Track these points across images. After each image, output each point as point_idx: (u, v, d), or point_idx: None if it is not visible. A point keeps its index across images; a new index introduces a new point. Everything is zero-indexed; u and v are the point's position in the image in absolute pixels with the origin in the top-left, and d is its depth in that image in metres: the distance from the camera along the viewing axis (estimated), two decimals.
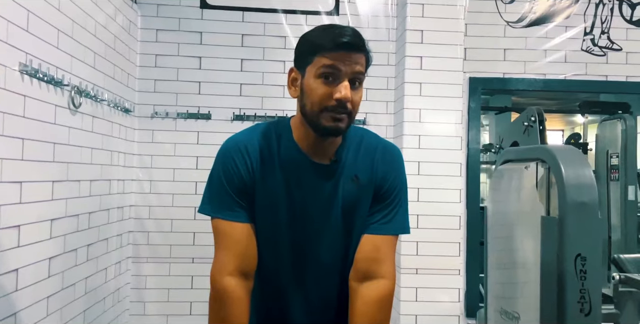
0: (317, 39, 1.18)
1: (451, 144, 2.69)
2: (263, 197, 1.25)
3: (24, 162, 1.63)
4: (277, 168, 1.25)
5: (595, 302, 1.49)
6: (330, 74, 1.15)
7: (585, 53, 2.99)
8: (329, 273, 1.32)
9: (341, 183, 1.26)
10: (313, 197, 1.26)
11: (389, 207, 1.29)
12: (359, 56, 1.17)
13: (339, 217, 1.28)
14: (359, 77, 1.18)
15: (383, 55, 2.93)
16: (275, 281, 1.32)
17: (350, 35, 1.15)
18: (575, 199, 1.49)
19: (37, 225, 1.73)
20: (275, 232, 1.27)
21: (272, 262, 1.30)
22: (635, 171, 4.80)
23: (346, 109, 1.16)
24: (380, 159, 1.29)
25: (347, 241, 1.30)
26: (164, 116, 2.82)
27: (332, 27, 1.18)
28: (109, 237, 2.44)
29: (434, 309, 2.63)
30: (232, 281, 1.22)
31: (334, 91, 1.15)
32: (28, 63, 1.62)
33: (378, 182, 1.28)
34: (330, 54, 1.14)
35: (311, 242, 1.29)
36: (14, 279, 1.60)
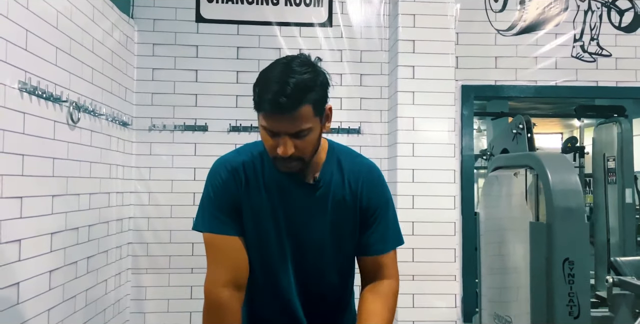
0: (259, 95, 1.16)
1: (444, 151, 2.73)
2: (249, 214, 1.30)
3: (24, 177, 1.67)
4: (262, 186, 1.29)
5: (584, 305, 1.53)
6: (271, 133, 1.17)
7: (576, 59, 3.03)
8: (319, 286, 1.37)
9: (330, 202, 1.31)
10: (299, 214, 1.31)
11: (379, 227, 1.33)
12: (298, 114, 1.14)
13: (326, 234, 1.32)
14: (301, 133, 1.17)
15: (376, 65, 2.98)
16: (266, 294, 1.36)
17: (284, 97, 1.12)
18: (562, 205, 1.53)
19: (38, 239, 1.77)
20: (263, 247, 1.32)
21: (263, 275, 1.34)
22: (632, 173, 4.83)
23: (292, 158, 1.19)
24: (364, 182, 1.33)
25: (336, 257, 1.35)
26: (162, 129, 2.86)
27: (276, 78, 1.15)
28: (109, 250, 2.47)
29: (431, 315, 2.66)
30: (225, 292, 1.26)
31: (276, 145, 1.18)
32: (27, 81, 1.66)
33: (363, 205, 1.33)
34: (267, 114, 1.15)
35: (299, 257, 1.33)
36: (16, 293, 1.64)
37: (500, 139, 2.27)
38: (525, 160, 1.70)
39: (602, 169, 4.93)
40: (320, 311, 1.39)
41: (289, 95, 1.12)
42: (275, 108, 1.13)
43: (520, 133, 1.92)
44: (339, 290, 1.41)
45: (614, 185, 4.70)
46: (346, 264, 1.39)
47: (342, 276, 1.40)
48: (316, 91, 1.17)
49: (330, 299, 1.40)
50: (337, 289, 1.40)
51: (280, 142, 1.16)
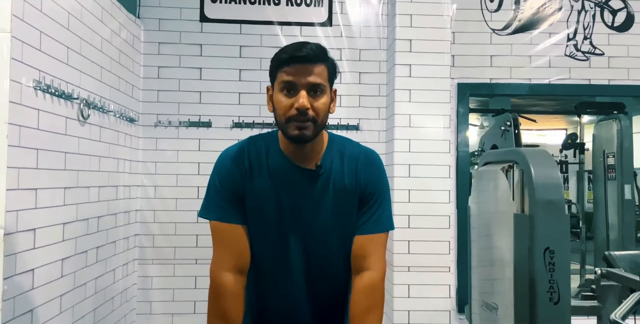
0: (277, 56, 1.33)
1: (440, 147, 2.82)
2: (254, 200, 1.39)
3: (38, 170, 1.77)
4: (265, 174, 1.38)
5: (563, 292, 1.62)
6: (289, 87, 1.29)
7: (569, 58, 3.12)
8: (321, 269, 1.44)
9: (330, 187, 1.39)
10: (301, 199, 1.39)
11: (372, 209, 1.42)
12: (316, 67, 1.30)
13: (328, 218, 1.40)
14: (318, 87, 1.30)
15: (374, 63, 3.07)
16: (270, 278, 1.45)
17: (306, 49, 1.29)
18: (543, 198, 1.63)
19: (51, 228, 1.88)
20: (267, 232, 1.40)
21: (266, 260, 1.43)
22: (632, 170, 4.91)
23: (307, 116, 1.29)
24: (362, 166, 1.42)
25: (339, 240, 1.42)
26: (167, 125, 2.97)
27: (295, 44, 1.32)
28: (117, 240, 2.58)
29: (425, 305, 2.76)
30: (229, 276, 1.36)
31: (294, 101, 1.29)
32: (41, 79, 1.76)
33: (362, 187, 1.41)
34: (287, 68, 1.29)
35: (302, 240, 1.41)
36: (31, 279, 1.75)
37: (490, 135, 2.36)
38: (511, 156, 1.80)
39: (602, 166, 5.01)
40: (326, 296, 1.47)
41: (310, 48, 1.29)
42: (299, 57, 1.28)
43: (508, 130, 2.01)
44: (343, 273, 1.46)
45: (614, 181, 4.78)
46: (346, 245, 1.44)
47: (346, 259, 1.44)
48: (330, 61, 1.34)
49: (335, 283, 1.47)
50: (342, 272, 1.46)
51: (299, 96, 1.28)
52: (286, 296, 1.46)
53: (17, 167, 1.63)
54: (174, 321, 2.92)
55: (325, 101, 1.33)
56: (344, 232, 1.42)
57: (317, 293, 1.46)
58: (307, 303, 1.46)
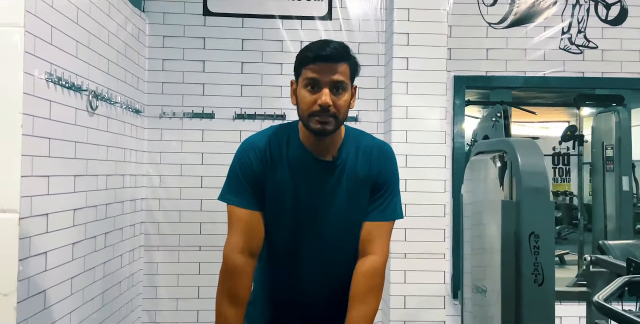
0: (303, 53, 1.40)
1: (436, 138, 2.91)
2: (273, 189, 1.48)
3: (50, 158, 1.87)
4: (285, 164, 1.47)
5: (547, 273, 1.72)
6: (313, 84, 1.37)
7: (563, 51, 3.19)
8: (334, 253, 1.52)
9: (345, 178, 1.49)
10: (318, 188, 1.49)
11: (381, 198, 1.51)
12: (339, 66, 1.37)
13: (342, 206, 1.49)
14: (340, 84, 1.38)
15: (373, 56, 3.15)
16: (285, 263, 1.54)
17: (330, 48, 1.36)
18: (529, 185, 1.72)
19: (62, 214, 1.97)
20: (285, 219, 1.50)
21: (282, 245, 1.52)
22: (630, 162, 4.98)
23: (329, 112, 1.37)
24: (376, 157, 1.52)
25: (351, 226, 1.51)
26: (171, 116, 3.06)
27: (319, 42, 1.39)
28: (124, 227, 2.68)
29: (421, 290, 2.86)
30: (241, 258, 1.46)
31: (317, 97, 1.36)
32: (52, 72, 1.85)
33: (374, 177, 1.50)
34: (312, 66, 1.36)
35: (317, 227, 1.50)
36: (44, 261, 1.85)
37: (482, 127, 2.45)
38: (500, 145, 1.88)
39: (600, 157, 5.09)
40: (337, 279, 1.53)
41: (334, 47, 1.37)
42: (323, 56, 1.35)
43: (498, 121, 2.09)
44: (354, 258, 1.53)
45: (612, 173, 4.86)
46: (357, 232, 1.51)
47: (353, 243, 1.51)
48: (352, 59, 1.41)
49: (346, 267, 1.52)
50: (352, 257, 1.52)
51: (322, 93, 1.36)
52: (300, 279, 1.54)
53: (31, 155, 1.72)
54: (179, 305, 3.02)
55: (346, 98, 1.41)
56: (356, 220, 1.51)
57: (329, 276, 1.54)
58: (319, 286, 1.55)
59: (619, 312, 1.66)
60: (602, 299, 1.81)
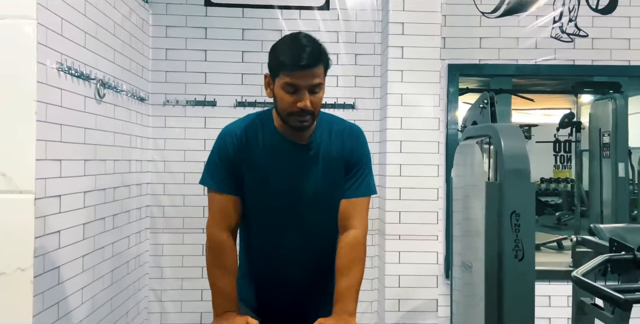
0: (280, 57, 1.46)
1: (430, 124, 3.01)
2: (251, 173, 1.60)
3: (62, 143, 1.98)
4: (261, 149, 1.59)
5: (527, 250, 1.84)
6: (292, 88, 1.46)
7: (554, 40, 3.28)
8: (313, 228, 1.65)
9: (320, 159, 1.60)
10: (295, 171, 1.60)
11: (355, 176, 1.63)
12: (316, 70, 1.46)
13: (320, 186, 1.61)
14: (318, 86, 1.48)
15: (370, 45, 3.25)
16: (268, 242, 1.66)
17: (306, 55, 1.43)
18: (511, 167, 1.83)
19: (74, 196, 2.10)
20: (265, 201, 1.61)
21: (264, 226, 1.64)
22: (626, 148, 5.07)
23: (308, 112, 1.48)
24: (347, 138, 1.63)
25: (328, 203, 1.63)
26: (175, 104, 3.17)
27: (295, 48, 1.45)
28: (130, 210, 2.81)
29: (415, 270, 2.98)
30: (222, 234, 1.61)
31: (297, 100, 1.46)
32: (63, 62, 1.96)
33: (347, 156, 1.62)
34: (290, 73, 1.44)
35: (296, 208, 1.62)
36: (57, 239, 1.97)
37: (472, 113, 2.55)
38: (486, 130, 1.99)
39: (597, 144, 5.19)
40: (316, 252, 1.66)
41: (310, 53, 1.44)
42: (302, 65, 1.42)
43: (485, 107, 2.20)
44: (330, 232, 1.65)
45: (609, 159, 4.95)
46: (335, 211, 1.63)
47: (333, 220, 1.63)
48: (325, 57, 1.50)
49: (324, 240, 1.66)
50: (329, 230, 1.65)
51: (302, 97, 1.45)
52: (281, 258, 1.66)
53: (44, 140, 1.84)
54: (183, 285, 3.16)
55: (322, 95, 1.51)
56: (333, 199, 1.63)
57: (309, 254, 1.66)
58: (300, 264, 1.66)
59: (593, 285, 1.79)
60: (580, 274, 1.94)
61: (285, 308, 1.70)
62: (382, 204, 3.09)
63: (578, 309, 2.29)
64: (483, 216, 1.94)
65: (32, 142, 1.75)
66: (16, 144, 1.72)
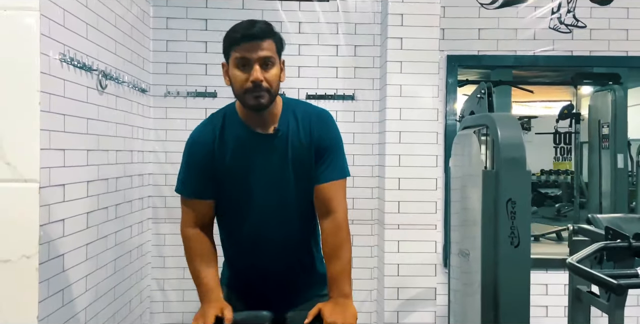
0: (230, 35, 1.51)
1: (428, 115, 3.04)
2: (224, 170, 1.62)
3: (65, 133, 2.01)
4: (230, 144, 1.61)
5: (523, 237, 1.87)
6: (243, 62, 1.49)
7: (553, 31, 3.30)
8: (286, 216, 1.67)
9: (289, 147, 1.61)
10: (266, 161, 1.61)
11: (328, 160, 1.64)
12: (265, 43, 1.49)
13: (289, 173, 1.63)
14: (269, 60, 1.50)
15: (369, 36, 3.27)
16: (246, 232, 1.68)
17: (255, 28, 1.48)
18: (507, 155, 1.86)
19: (77, 185, 2.13)
20: (240, 194, 1.64)
21: (242, 218, 1.66)
22: (625, 139, 5.10)
23: (262, 87, 1.50)
24: (315, 123, 1.64)
25: (301, 192, 1.65)
26: (176, 95, 3.20)
27: (244, 23, 1.51)
28: (132, 200, 2.85)
29: (414, 259, 3.02)
30: (192, 230, 1.67)
31: (249, 75, 1.49)
32: (65, 53, 1.99)
33: (316, 142, 1.63)
34: (239, 46, 1.48)
35: (271, 197, 1.64)
36: (62, 227, 2.01)
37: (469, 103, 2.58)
38: (483, 120, 2.02)
39: (597, 135, 5.22)
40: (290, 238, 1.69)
41: (258, 27, 1.48)
42: (248, 35, 1.46)
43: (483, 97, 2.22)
44: (305, 223, 1.71)
45: (608, 150, 4.99)
46: (308, 198, 1.66)
47: (305, 205, 1.67)
48: (277, 36, 1.52)
49: (297, 224, 1.70)
50: (303, 223, 1.70)
51: (254, 70, 1.48)
52: (259, 246, 1.68)
53: (48, 130, 1.87)
54: (185, 274, 3.18)
55: (276, 72, 1.53)
56: (306, 185, 1.65)
57: (285, 241, 1.69)
58: (277, 251, 1.69)
59: (588, 270, 1.82)
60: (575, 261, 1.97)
61: (267, 291, 1.73)
62: (381, 194, 3.12)
63: (574, 297, 2.33)
64: (478, 202, 1.97)
65: (36, 132, 1.78)
66: (20, 133, 1.75)
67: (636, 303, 3.33)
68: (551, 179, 7.18)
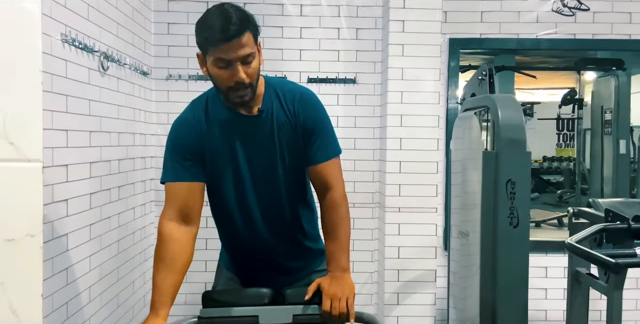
0: (204, 33, 1.44)
1: (430, 98, 3.04)
2: (212, 153, 1.60)
3: (68, 114, 2.03)
4: (216, 128, 1.59)
5: (522, 217, 1.89)
6: (224, 63, 1.44)
7: (556, 13, 3.28)
8: (274, 196, 1.67)
9: (275, 127, 1.60)
10: (250, 142, 1.61)
11: (318, 140, 1.63)
12: (243, 39, 1.42)
13: (275, 152, 1.62)
14: (249, 56, 1.45)
15: (371, 19, 3.25)
16: (238, 214, 1.68)
17: (232, 27, 1.39)
18: (507, 137, 1.87)
19: (80, 166, 2.15)
20: (225, 175, 1.63)
21: (232, 200, 1.66)
22: (628, 125, 5.10)
23: (245, 85, 1.47)
24: (299, 103, 1.62)
25: (292, 172, 1.66)
26: (177, 78, 3.20)
27: (215, 17, 1.42)
28: (135, 182, 2.87)
29: (414, 242, 3.04)
30: (170, 224, 1.58)
31: (231, 75, 1.45)
32: (67, 33, 1.99)
33: (302, 123, 1.61)
34: (217, 48, 1.42)
35: (257, 176, 1.64)
36: (65, 207, 2.03)
37: (471, 85, 2.58)
38: (484, 101, 2.02)
39: (599, 121, 5.21)
40: (278, 218, 1.69)
41: (234, 23, 1.40)
42: (226, 36, 1.39)
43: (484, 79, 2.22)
44: (294, 202, 1.71)
45: (610, 136, 4.99)
46: (297, 177, 1.68)
47: (292, 187, 1.68)
48: (251, 22, 1.47)
49: (287, 210, 1.70)
50: (292, 202, 1.70)
51: (235, 69, 1.43)
52: (252, 228, 1.68)
53: (50, 110, 1.88)
54: None
55: (256, 65, 1.49)
56: (295, 165, 1.65)
57: (277, 222, 1.69)
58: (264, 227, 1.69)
59: (586, 250, 1.84)
60: (574, 241, 1.99)
61: (263, 269, 1.75)
62: (382, 178, 3.14)
63: (573, 279, 2.35)
64: (478, 183, 1.98)
65: (39, 112, 1.79)
66: (23, 113, 1.76)
67: (635, 285, 3.36)
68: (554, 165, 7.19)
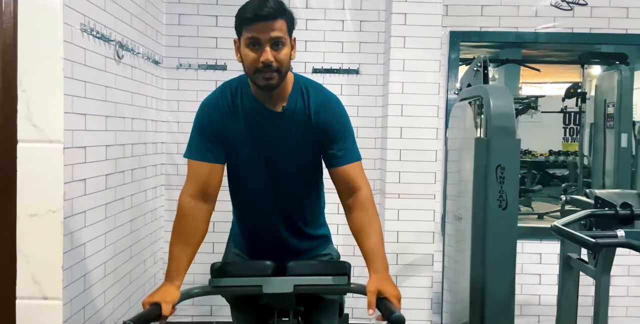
0: (242, 14, 1.52)
1: (430, 89, 3.15)
2: (232, 138, 1.68)
3: (86, 99, 2.16)
4: (241, 115, 1.67)
5: (511, 200, 2.01)
6: (254, 42, 1.50)
7: (554, 8, 3.37)
8: (286, 190, 1.75)
9: (294, 127, 1.67)
10: (270, 136, 1.68)
11: (342, 143, 1.68)
12: (277, 23, 1.49)
13: (292, 150, 1.69)
14: (280, 40, 1.51)
15: (374, 12, 3.36)
16: (247, 198, 1.78)
17: (266, 8, 1.47)
18: (498, 124, 1.99)
19: (97, 148, 2.28)
20: (246, 165, 1.71)
21: (247, 188, 1.75)
22: (630, 119, 5.18)
23: (272, 67, 1.52)
24: (321, 107, 1.66)
25: (300, 168, 1.74)
26: (187, 67, 3.33)
27: (255, 2, 1.50)
28: (147, 166, 3.01)
29: (413, 227, 3.17)
30: (191, 201, 1.65)
31: (259, 56, 1.51)
32: (86, 23, 2.12)
33: (321, 126, 1.65)
34: (251, 27, 1.49)
35: (271, 170, 1.72)
36: (83, 186, 2.16)
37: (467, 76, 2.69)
38: (477, 91, 2.14)
39: (602, 115, 5.29)
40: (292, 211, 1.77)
41: (270, 6, 1.48)
42: (260, 15, 1.46)
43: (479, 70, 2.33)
44: (308, 196, 1.79)
45: (612, 130, 5.08)
46: (311, 174, 1.76)
47: (305, 183, 1.76)
48: (288, 14, 1.55)
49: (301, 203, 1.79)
50: (302, 196, 1.78)
51: (264, 51, 1.50)
52: (263, 216, 1.77)
53: (71, 95, 2.01)
54: None
55: (286, 52, 1.54)
56: (306, 165, 1.73)
57: (283, 206, 1.76)
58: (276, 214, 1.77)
59: (569, 231, 1.97)
60: (561, 224, 2.11)
61: (270, 249, 1.82)
62: (383, 165, 3.26)
63: (564, 264, 2.47)
64: (471, 170, 2.10)
65: (60, 96, 1.92)
66: (46, 97, 1.90)
67: (627, 272, 3.47)
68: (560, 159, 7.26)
